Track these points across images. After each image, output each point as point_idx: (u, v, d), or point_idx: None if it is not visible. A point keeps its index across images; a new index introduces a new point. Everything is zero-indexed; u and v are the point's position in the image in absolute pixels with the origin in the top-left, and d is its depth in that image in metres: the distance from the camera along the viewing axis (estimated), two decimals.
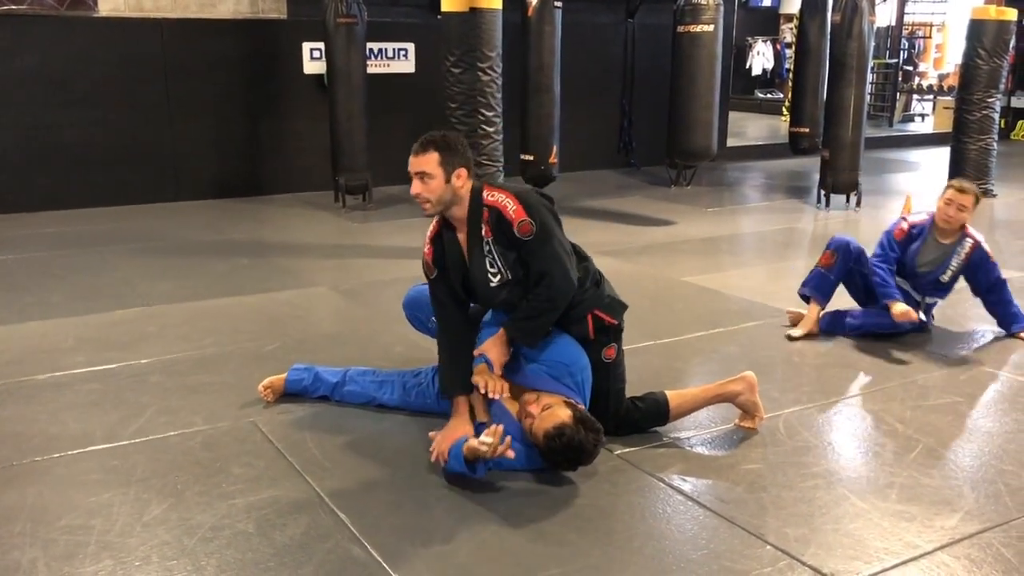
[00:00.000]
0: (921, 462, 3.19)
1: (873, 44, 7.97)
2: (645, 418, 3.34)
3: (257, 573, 2.49)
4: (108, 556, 2.56)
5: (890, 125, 14.78)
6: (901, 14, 16.13)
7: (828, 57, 8.27)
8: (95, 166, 7.78)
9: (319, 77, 8.32)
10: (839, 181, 7.94)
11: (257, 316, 4.88)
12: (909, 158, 11.87)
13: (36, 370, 4.01)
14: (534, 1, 7.80)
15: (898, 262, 4.52)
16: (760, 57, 17.87)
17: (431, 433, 3.20)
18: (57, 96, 7.56)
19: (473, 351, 3.14)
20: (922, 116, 15.72)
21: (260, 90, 8.37)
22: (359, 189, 7.86)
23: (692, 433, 3.40)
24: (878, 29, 12.03)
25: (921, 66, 17.35)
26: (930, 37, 17.79)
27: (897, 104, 15.18)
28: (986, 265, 4.50)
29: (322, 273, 5.79)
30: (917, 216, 4.63)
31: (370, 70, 7.99)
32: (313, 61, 8.43)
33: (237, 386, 3.81)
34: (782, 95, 16.13)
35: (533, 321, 3.08)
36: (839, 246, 4.57)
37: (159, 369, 4.03)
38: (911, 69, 16.73)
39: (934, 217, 4.50)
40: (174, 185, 8.16)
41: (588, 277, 3.22)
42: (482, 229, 3.03)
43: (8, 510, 2.81)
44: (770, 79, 18.03)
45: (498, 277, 3.07)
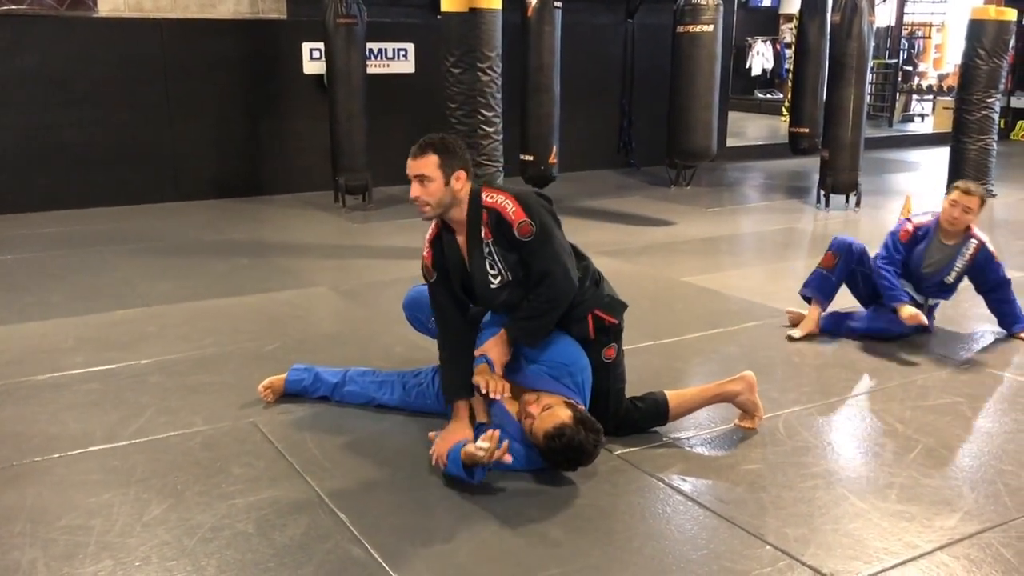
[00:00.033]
0: (921, 462, 3.19)
1: (873, 44, 7.97)
2: (645, 418, 3.34)
3: (257, 573, 2.49)
4: (108, 556, 2.56)
5: (890, 125, 14.78)
6: (901, 14, 16.13)
7: (828, 57, 8.27)
8: (95, 166, 7.78)
9: (319, 77, 8.32)
10: (839, 181, 7.94)
11: (257, 316, 4.88)
12: (909, 158, 11.87)
13: (36, 370, 4.01)
14: (534, 1, 7.80)
15: (903, 264, 4.49)
16: (760, 57, 17.87)
17: (431, 433, 3.20)
18: (57, 96, 7.56)
19: (473, 354, 3.13)
20: (922, 116, 15.72)
21: (260, 90, 8.37)
22: (359, 189, 7.87)
23: (692, 433, 3.41)
24: (878, 29, 12.02)
25: (921, 66, 17.35)
26: (930, 37, 17.79)
27: (897, 104, 15.18)
28: (991, 265, 4.48)
29: (322, 273, 5.79)
30: (922, 217, 4.60)
31: (370, 70, 8.00)
32: (313, 61, 8.43)
33: (237, 386, 3.81)
34: (782, 95, 16.13)
35: (535, 321, 3.09)
36: (841, 247, 4.55)
37: (159, 369, 4.03)
38: (911, 69, 16.73)
39: (939, 218, 4.47)
40: (174, 185, 8.16)
41: (587, 277, 3.23)
42: (482, 231, 3.03)
43: (8, 510, 2.81)
44: (770, 79, 18.03)
45: (498, 279, 3.07)
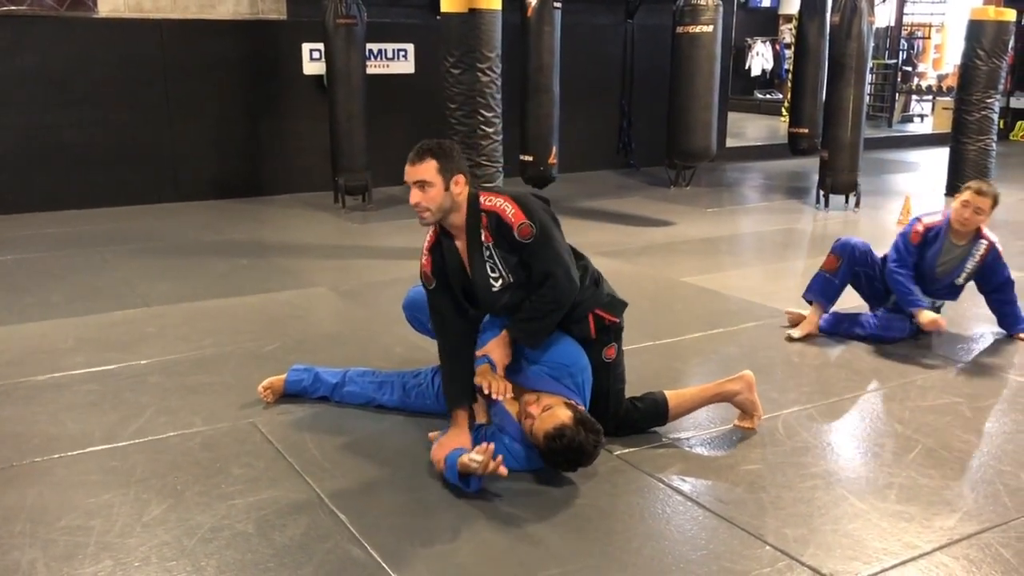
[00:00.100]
0: (920, 462, 3.19)
1: (872, 45, 7.97)
2: (644, 418, 3.34)
3: (257, 574, 2.49)
4: (108, 557, 2.57)
5: (889, 126, 14.79)
6: (900, 15, 16.14)
7: (827, 58, 8.28)
8: (95, 166, 7.78)
9: (319, 78, 8.32)
10: (838, 182, 7.94)
11: (257, 316, 4.88)
12: (908, 159, 11.88)
13: (36, 371, 4.01)
14: (533, 2, 7.80)
15: (914, 266, 4.43)
16: (759, 58, 17.87)
17: (431, 434, 3.21)
18: (57, 97, 7.56)
19: (472, 362, 3.12)
20: (921, 117, 15.72)
21: (260, 91, 8.37)
22: (359, 190, 7.87)
23: (691, 433, 3.41)
24: (877, 30, 12.03)
25: (920, 67, 17.34)
26: (929, 38, 17.79)
27: (896, 105, 15.18)
28: (998, 265, 4.45)
29: (322, 274, 5.79)
30: (932, 217, 4.51)
31: (370, 71, 8.00)
32: (313, 62, 8.43)
33: (237, 387, 3.81)
34: (781, 96, 16.13)
35: (537, 322, 3.09)
36: (843, 250, 4.50)
37: (159, 370, 4.03)
38: (910, 70, 16.73)
39: (949, 218, 4.40)
40: (173, 185, 8.16)
41: (587, 276, 3.23)
42: (481, 235, 3.02)
43: (8, 511, 2.81)
44: (769, 80, 18.03)
45: (500, 281, 3.06)
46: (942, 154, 9.67)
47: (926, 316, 4.30)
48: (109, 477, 3.03)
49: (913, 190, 8.76)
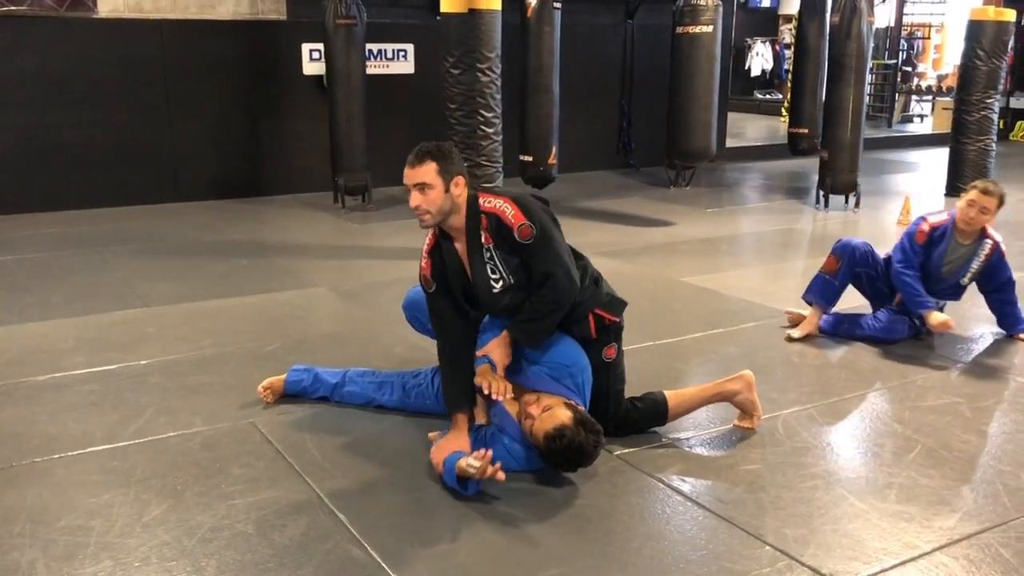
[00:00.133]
0: (920, 463, 3.19)
1: (872, 45, 7.97)
2: (644, 418, 3.34)
3: (257, 574, 2.50)
4: (108, 557, 2.57)
5: (889, 126, 14.79)
6: (900, 15, 16.13)
7: (827, 58, 8.28)
8: (95, 167, 7.78)
9: (318, 78, 8.32)
10: (838, 182, 7.94)
11: (256, 317, 4.88)
12: (908, 159, 11.88)
13: (36, 371, 4.01)
14: (533, 2, 7.80)
15: (920, 266, 4.40)
16: (759, 58, 17.87)
17: (431, 434, 3.21)
18: (57, 97, 7.56)
19: (472, 365, 3.11)
20: (921, 117, 15.72)
21: (259, 91, 8.37)
22: (358, 190, 7.87)
23: (691, 434, 3.41)
24: (877, 30, 12.04)
25: (920, 67, 17.35)
26: (929, 38, 17.79)
27: (896, 105, 15.18)
28: (1001, 265, 4.44)
29: (321, 274, 5.79)
30: (937, 217, 4.47)
31: (369, 71, 8.00)
32: (312, 62, 8.43)
33: (236, 387, 3.81)
34: (781, 96, 16.13)
35: (537, 323, 3.08)
36: (843, 251, 4.49)
37: (159, 370, 4.03)
38: (910, 70, 16.73)
39: (955, 218, 4.37)
40: (173, 186, 8.16)
41: (586, 276, 3.23)
42: (482, 236, 3.02)
43: (8, 511, 2.81)
44: (769, 80, 18.04)
45: (500, 283, 3.06)
46: (942, 154, 9.67)
47: (936, 318, 4.28)
48: (109, 477, 3.03)
49: (913, 190, 8.76)
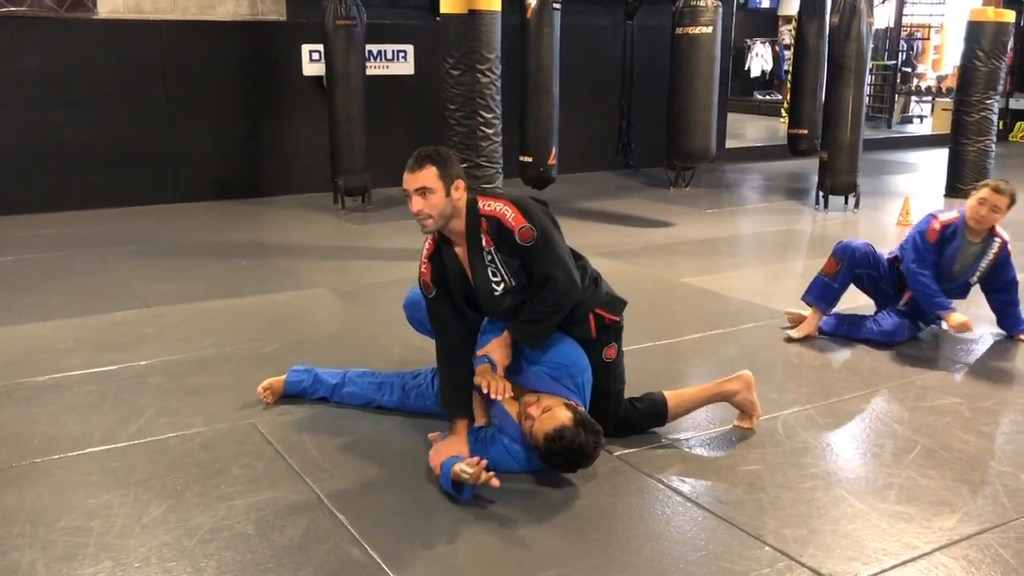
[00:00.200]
0: (920, 463, 3.19)
1: (871, 46, 7.97)
2: (644, 419, 3.34)
3: (256, 574, 2.50)
4: (107, 557, 2.57)
5: (888, 127, 14.79)
6: (899, 16, 16.14)
7: (826, 59, 8.28)
8: (94, 167, 7.78)
9: (318, 79, 8.32)
10: (838, 183, 7.94)
11: (256, 317, 4.88)
12: (908, 160, 11.88)
13: (35, 372, 4.01)
14: (533, 3, 7.80)
15: (933, 265, 4.35)
16: (759, 59, 17.88)
17: (431, 435, 3.21)
18: (57, 97, 7.57)
19: (470, 370, 3.11)
20: (920, 118, 15.72)
21: (259, 92, 8.37)
22: (358, 191, 7.87)
23: (691, 434, 3.41)
24: (876, 31, 12.03)
25: (919, 68, 17.37)
26: (928, 39, 17.81)
27: (895, 106, 15.19)
28: (1006, 264, 4.42)
29: (321, 275, 5.79)
30: (948, 214, 4.40)
31: (369, 72, 8.00)
32: (312, 63, 8.43)
33: (236, 387, 3.81)
34: (781, 97, 16.13)
35: (538, 324, 3.08)
36: (843, 253, 4.46)
37: (158, 370, 4.03)
38: (909, 71, 16.74)
39: (965, 216, 4.32)
40: (173, 186, 8.16)
41: (586, 276, 3.22)
42: (482, 240, 3.01)
43: (7, 511, 2.81)
44: (769, 81, 18.04)
45: (502, 285, 3.06)
46: (941, 155, 9.68)
47: (955, 319, 4.23)
48: (109, 478, 3.03)
49: (913, 191, 8.77)
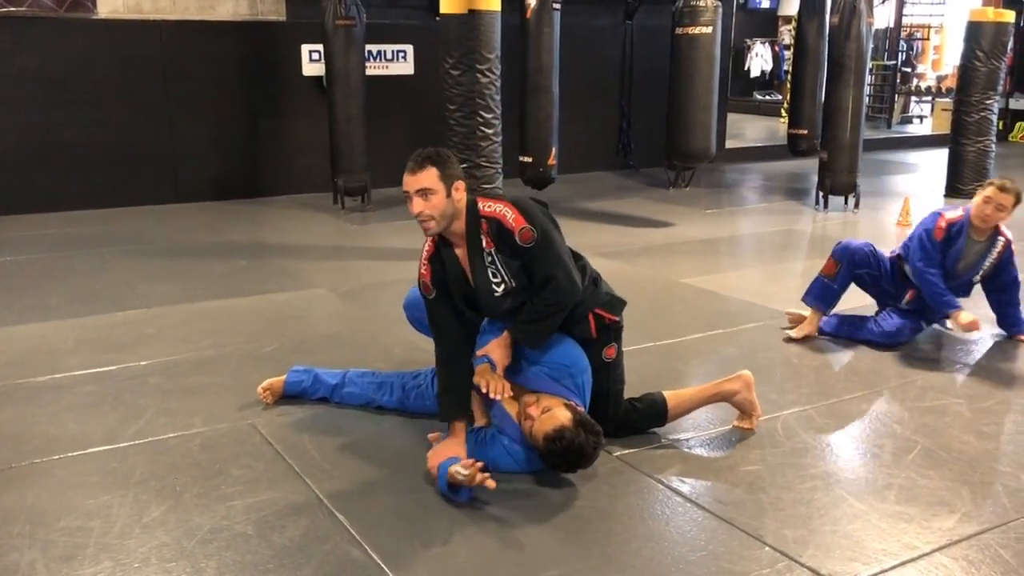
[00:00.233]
0: (919, 463, 3.19)
1: (871, 46, 7.97)
2: (643, 419, 3.34)
3: (256, 575, 2.49)
4: (107, 558, 2.57)
5: (888, 127, 14.79)
6: (899, 16, 16.14)
7: (826, 59, 8.28)
8: (94, 167, 7.78)
9: (318, 79, 8.32)
10: (837, 183, 7.94)
11: (256, 318, 4.88)
12: (907, 160, 11.88)
13: (35, 372, 4.01)
14: (533, 3, 7.80)
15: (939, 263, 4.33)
16: (759, 59, 17.88)
17: (431, 435, 3.21)
18: (56, 97, 7.57)
19: (469, 373, 3.10)
20: (920, 118, 15.72)
21: (259, 92, 8.37)
22: (358, 191, 7.87)
23: (691, 434, 3.41)
24: (876, 31, 12.02)
25: (919, 68, 17.37)
26: (928, 39, 17.81)
27: (895, 106, 15.19)
28: (1009, 264, 4.41)
29: (321, 275, 5.79)
30: (954, 212, 4.38)
31: (369, 72, 8.00)
32: (312, 63, 8.43)
33: (236, 388, 3.81)
34: (780, 97, 16.14)
35: (538, 324, 3.08)
36: (843, 254, 4.46)
37: (158, 371, 4.03)
38: (909, 71, 16.74)
39: (970, 215, 4.30)
40: (173, 187, 8.16)
41: (585, 276, 3.22)
42: (482, 241, 3.01)
43: (7, 512, 2.81)
44: (768, 81, 18.05)
45: (502, 286, 3.06)
46: (941, 155, 9.68)
47: (965, 317, 4.21)
48: (108, 478, 3.03)
49: (912, 191, 8.77)
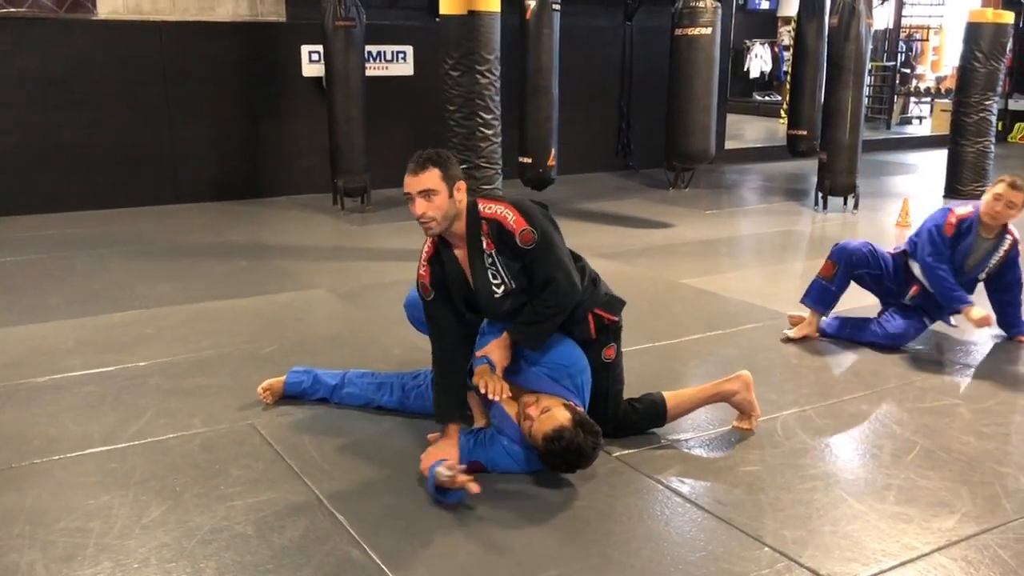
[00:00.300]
0: (919, 464, 3.19)
1: (870, 47, 7.98)
2: (643, 419, 3.35)
3: (256, 575, 2.50)
4: (107, 558, 2.57)
5: (888, 128, 14.80)
6: (898, 17, 16.14)
7: (826, 60, 8.29)
8: (94, 168, 7.78)
9: (318, 80, 8.32)
10: (837, 183, 7.95)
11: (255, 318, 4.88)
12: (907, 161, 11.89)
13: (35, 372, 4.01)
14: (532, 4, 7.80)
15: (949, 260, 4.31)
16: (758, 60, 17.88)
17: (430, 435, 3.21)
18: (56, 98, 7.56)
19: (465, 374, 3.11)
20: (920, 119, 15.72)
21: (259, 93, 8.37)
22: (357, 191, 7.87)
23: (690, 435, 3.41)
24: (875, 32, 12.04)
25: (918, 69, 17.37)
26: (927, 40, 17.81)
27: (895, 107, 15.19)
28: (1014, 264, 4.40)
29: (320, 275, 5.80)
30: (963, 209, 4.37)
31: (369, 73, 8.01)
32: (312, 64, 8.43)
33: (235, 388, 3.81)
34: (780, 98, 16.14)
35: (538, 325, 3.08)
36: (840, 256, 4.46)
37: (158, 371, 4.03)
38: (908, 72, 16.75)
39: (979, 211, 4.28)
40: (173, 187, 8.16)
41: (585, 277, 3.23)
42: (483, 243, 3.01)
43: (7, 512, 2.81)
44: (768, 82, 18.05)
45: (502, 288, 3.06)
46: (940, 156, 9.68)
47: (977, 312, 4.20)
48: (108, 479, 3.03)
49: (912, 192, 8.77)
